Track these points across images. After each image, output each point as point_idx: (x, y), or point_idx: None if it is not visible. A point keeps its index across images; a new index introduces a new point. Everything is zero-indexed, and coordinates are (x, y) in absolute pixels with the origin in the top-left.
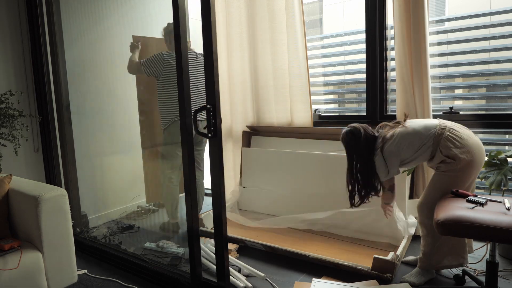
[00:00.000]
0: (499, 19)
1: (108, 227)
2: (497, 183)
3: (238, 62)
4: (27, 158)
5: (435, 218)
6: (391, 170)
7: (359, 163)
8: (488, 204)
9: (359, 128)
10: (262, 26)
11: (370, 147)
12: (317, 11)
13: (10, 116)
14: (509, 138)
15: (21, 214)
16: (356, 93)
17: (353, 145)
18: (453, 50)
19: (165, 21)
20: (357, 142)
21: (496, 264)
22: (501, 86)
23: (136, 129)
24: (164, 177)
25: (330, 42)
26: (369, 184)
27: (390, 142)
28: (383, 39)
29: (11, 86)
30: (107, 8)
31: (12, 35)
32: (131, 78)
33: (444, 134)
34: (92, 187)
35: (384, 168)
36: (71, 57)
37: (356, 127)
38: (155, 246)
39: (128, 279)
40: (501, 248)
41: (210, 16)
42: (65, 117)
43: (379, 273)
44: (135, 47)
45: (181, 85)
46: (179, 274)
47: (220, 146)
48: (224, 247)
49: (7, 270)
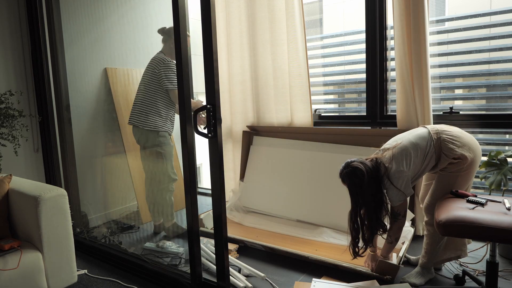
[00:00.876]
0: (499, 19)
1: (108, 227)
2: (497, 183)
3: (238, 62)
4: (27, 158)
5: (437, 218)
6: (405, 190)
7: (365, 204)
8: (488, 204)
9: (359, 166)
10: (262, 26)
11: (376, 181)
12: (317, 11)
13: (10, 116)
14: (509, 138)
15: (21, 214)
16: (356, 93)
17: (358, 185)
18: (453, 50)
19: (165, 21)
20: (361, 182)
21: (496, 264)
22: (501, 86)
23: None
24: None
25: (330, 42)
26: (377, 222)
27: (393, 164)
28: (383, 39)
29: (11, 86)
30: (107, 8)
31: (12, 35)
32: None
33: (442, 137)
34: (92, 187)
35: (397, 192)
36: (71, 57)
37: (357, 167)
38: (155, 246)
39: (128, 279)
40: (501, 248)
41: (210, 16)
42: (65, 117)
43: (379, 274)
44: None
45: (181, 85)
46: (179, 274)
47: (220, 146)
48: (224, 247)
49: (7, 270)
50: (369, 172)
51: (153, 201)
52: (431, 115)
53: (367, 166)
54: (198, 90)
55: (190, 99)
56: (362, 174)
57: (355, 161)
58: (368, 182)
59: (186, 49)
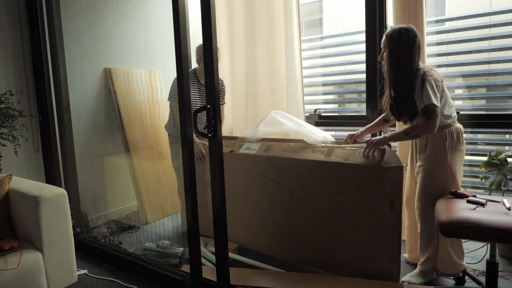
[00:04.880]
0: (499, 19)
1: (108, 227)
2: (497, 183)
3: (239, 62)
4: (27, 158)
5: (439, 219)
6: (437, 98)
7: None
8: (488, 205)
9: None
10: (261, 25)
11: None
12: (317, 11)
13: (10, 116)
14: (509, 138)
15: (21, 214)
16: (356, 93)
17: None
18: (453, 50)
19: (165, 21)
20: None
21: (496, 264)
22: (501, 86)
23: (137, 129)
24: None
25: (330, 42)
26: (405, 103)
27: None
28: None
29: (11, 86)
30: (107, 8)
31: (12, 35)
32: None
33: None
34: (92, 187)
35: (428, 93)
36: (71, 57)
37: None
38: (155, 246)
39: (128, 279)
40: (501, 248)
41: (210, 16)
42: (65, 117)
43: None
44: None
45: (181, 85)
46: (179, 274)
47: (220, 146)
48: (224, 247)
49: (7, 270)
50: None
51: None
52: None
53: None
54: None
55: (190, 99)
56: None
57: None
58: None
59: (186, 49)
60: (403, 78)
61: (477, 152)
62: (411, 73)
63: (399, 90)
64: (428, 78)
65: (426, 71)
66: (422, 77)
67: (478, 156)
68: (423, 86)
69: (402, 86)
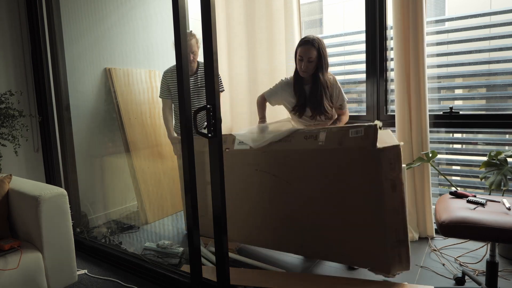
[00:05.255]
0: (499, 19)
1: (108, 227)
2: (497, 183)
3: (239, 62)
4: (27, 158)
5: (439, 219)
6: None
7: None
8: (488, 204)
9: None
10: (261, 25)
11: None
12: (317, 11)
13: (10, 116)
14: (509, 138)
15: (21, 214)
16: (356, 93)
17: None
18: (453, 50)
19: (165, 21)
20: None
21: (496, 264)
22: (501, 86)
23: (137, 129)
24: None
25: (330, 42)
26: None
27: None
28: (383, 39)
29: (11, 86)
30: (107, 8)
31: (12, 35)
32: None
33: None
34: (92, 187)
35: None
36: (71, 57)
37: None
38: (155, 246)
39: (128, 279)
40: (501, 248)
41: (210, 16)
42: (65, 117)
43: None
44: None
45: (181, 85)
46: (179, 274)
47: (220, 146)
48: (224, 247)
49: (7, 270)
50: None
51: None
52: (427, 115)
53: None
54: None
55: (190, 99)
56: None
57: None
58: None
59: (186, 49)
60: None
61: (477, 152)
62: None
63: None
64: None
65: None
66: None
67: (478, 156)
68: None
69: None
